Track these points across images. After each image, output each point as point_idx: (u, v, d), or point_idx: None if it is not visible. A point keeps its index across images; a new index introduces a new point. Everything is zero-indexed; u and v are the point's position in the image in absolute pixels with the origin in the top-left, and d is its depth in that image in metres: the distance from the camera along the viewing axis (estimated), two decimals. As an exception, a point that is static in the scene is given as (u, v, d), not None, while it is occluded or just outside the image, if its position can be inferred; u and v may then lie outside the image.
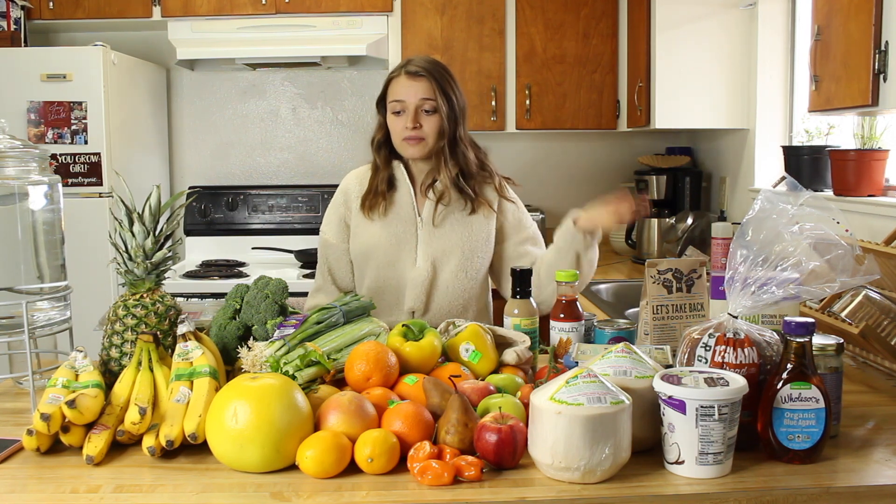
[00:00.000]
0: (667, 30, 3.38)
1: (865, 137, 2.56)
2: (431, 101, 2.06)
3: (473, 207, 2.14)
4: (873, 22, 2.09)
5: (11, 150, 1.60)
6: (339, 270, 2.22)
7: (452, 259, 2.12)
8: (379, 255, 2.13)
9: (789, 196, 1.41)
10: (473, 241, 2.14)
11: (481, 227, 2.15)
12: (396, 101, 2.08)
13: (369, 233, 2.14)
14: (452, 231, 2.13)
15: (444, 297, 2.13)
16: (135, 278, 1.53)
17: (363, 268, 2.17)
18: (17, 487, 1.22)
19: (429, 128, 2.07)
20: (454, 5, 3.75)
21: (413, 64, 2.10)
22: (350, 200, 2.20)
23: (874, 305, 1.71)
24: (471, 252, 2.14)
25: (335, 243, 2.21)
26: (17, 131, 3.17)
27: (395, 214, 2.14)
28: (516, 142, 4.16)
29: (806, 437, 1.27)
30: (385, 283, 2.13)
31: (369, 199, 2.15)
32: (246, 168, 4.23)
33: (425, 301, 2.12)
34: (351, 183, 2.22)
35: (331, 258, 2.22)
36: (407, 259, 2.13)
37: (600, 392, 1.20)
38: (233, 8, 3.71)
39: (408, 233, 2.13)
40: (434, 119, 2.07)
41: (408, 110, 2.07)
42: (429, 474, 1.19)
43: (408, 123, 2.06)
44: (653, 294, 1.64)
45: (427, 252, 2.12)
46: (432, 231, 2.13)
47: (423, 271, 2.11)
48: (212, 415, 1.28)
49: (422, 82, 2.07)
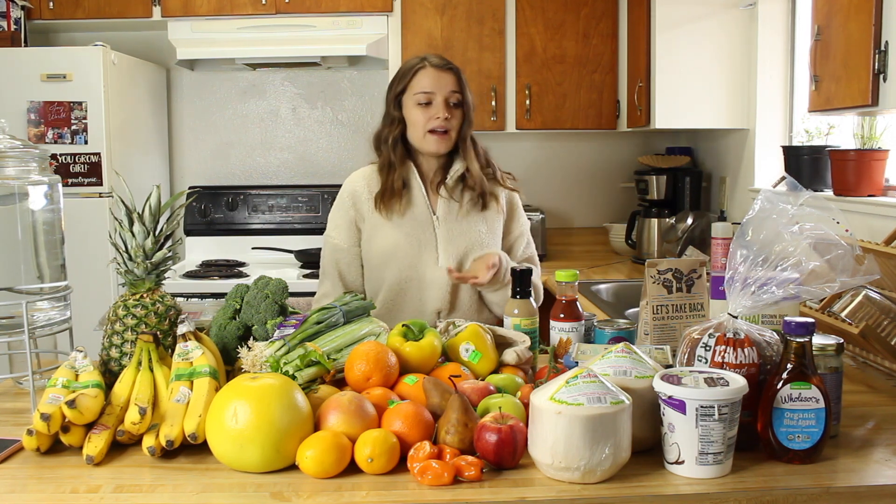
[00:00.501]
0: (667, 30, 3.38)
1: (865, 137, 2.56)
2: (458, 94, 2.07)
3: (485, 203, 2.14)
4: (873, 22, 2.09)
5: (11, 150, 1.60)
6: (351, 274, 2.17)
7: (475, 256, 2.11)
8: (400, 256, 2.09)
9: (789, 196, 1.41)
10: (490, 236, 2.14)
11: (494, 222, 2.16)
12: (425, 93, 2.05)
13: (386, 234, 2.10)
14: (471, 228, 2.13)
15: (468, 295, 2.12)
16: (135, 278, 1.53)
17: (381, 270, 2.12)
18: (17, 487, 1.22)
19: (455, 121, 2.08)
20: (454, 5, 3.75)
21: (436, 58, 2.10)
22: (360, 202, 2.14)
23: (874, 305, 1.71)
24: (490, 247, 2.13)
25: (346, 247, 2.16)
26: (17, 131, 3.17)
27: (410, 214, 2.11)
28: (516, 142, 4.16)
29: (806, 437, 1.27)
30: (407, 284, 2.10)
31: (385, 197, 2.10)
32: (246, 168, 4.23)
33: (450, 301, 2.10)
34: (358, 184, 2.17)
35: (342, 263, 2.16)
36: (428, 259, 2.10)
37: (600, 392, 1.20)
38: (233, 8, 3.71)
39: (426, 232, 2.11)
40: (459, 113, 2.08)
41: (437, 102, 2.05)
42: (429, 474, 1.19)
43: (440, 114, 2.04)
44: (653, 294, 1.64)
45: (448, 251, 2.10)
46: (451, 229, 2.12)
47: (446, 271, 2.08)
48: (212, 415, 1.28)
49: (450, 75, 2.08)
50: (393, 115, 2.12)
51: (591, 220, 4.25)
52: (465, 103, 2.09)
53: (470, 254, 2.11)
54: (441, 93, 2.05)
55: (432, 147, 2.08)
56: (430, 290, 2.10)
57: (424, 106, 2.06)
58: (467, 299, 2.12)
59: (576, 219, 4.27)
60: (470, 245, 2.11)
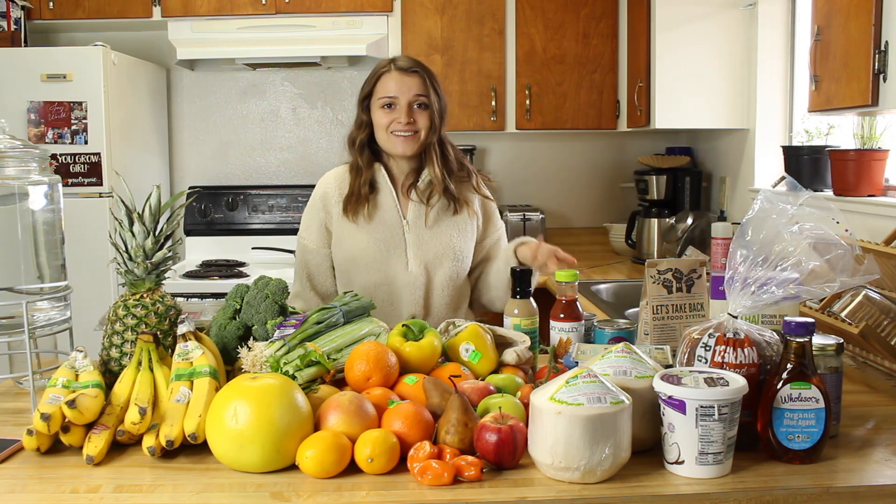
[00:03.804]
0: (667, 30, 3.38)
1: (865, 137, 2.56)
2: (424, 97, 2.05)
3: (457, 208, 2.12)
4: (873, 22, 2.09)
5: (11, 150, 1.60)
6: (319, 276, 2.16)
7: (445, 261, 2.09)
8: (367, 260, 2.08)
9: (789, 196, 1.41)
10: (462, 241, 2.12)
11: (466, 227, 2.14)
12: (388, 97, 2.04)
13: (354, 238, 2.09)
14: (441, 233, 2.11)
15: (440, 300, 2.11)
16: (135, 278, 1.53)
17: (350, 273, 2.11)
18: (17, 487, 1.22)
19: (421, 123, 2.05)
20: (454, 5, 3.75)
21: (403, 61, 2.08)
22: (329, 205, 2.13)
23: (874, 305, 1.71)
24: (461, 252, 2.12)
25: (315, 248, 2.15)
26: (18, 131, 3.17)
27: (379, 218, 2.09)
28: (516, 142, 4.15)
29: (806, 437, 1.27)
30: (376, 287, 2.08)
31: (352, 202, 2.09)
32: (246, 168, 4.23)
33: (423, 305, 2.09)
34: (329, 186, 2.16)
35: (311, 264, 2.16)
36: (397, 264, 2.08)
37: (600, 392, 1.20)
38: (233, 8, 3.71)
39: (395, 237, 2.09)
40: (426, 115, 2.06)
41: (400, 106, 2.04)
42: (429, 474, 1.19)
43: (402, 118, 2.03)
44: (653, 294, 1.64)
45: (419, 256, 2.09)
46: (421, 234, 2.10)
47: (417, 276, 2.07)
48: (212, 415, 1.28)
49: (414, 78, 2.05)
50: (361, 118, 2.12)
51: (591, 220, 4.25)
52: (431, 106, 2.06)
53: (441, 259, 2.09)
54: (404, 96, 2.04)
55: (398, 148, 2.06)
56: (402, 294, 2.08)
57: (388, 109, 2.05)
58: (440, 303, 2.10)
59: (576, 219, 4.27)
60: (441, 250, 2.09)
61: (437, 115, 2.07)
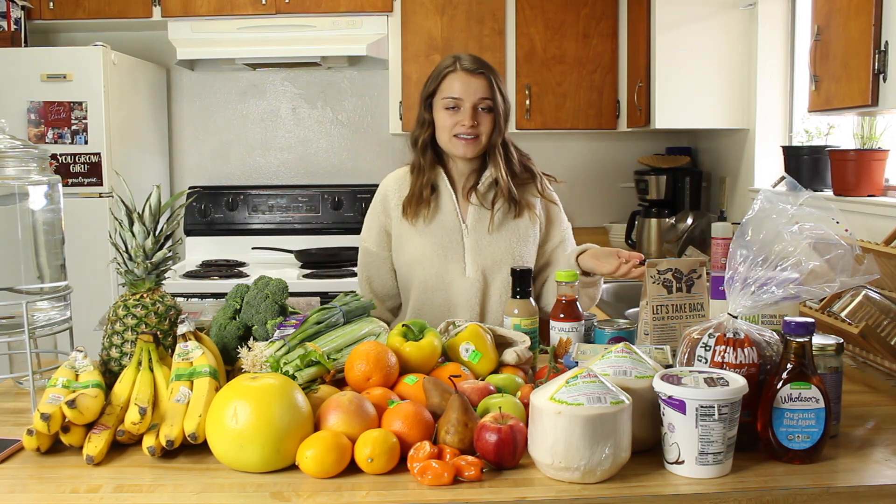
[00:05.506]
0: (667, 30, 3.38)
1: (865, 137, 2.56)
2: (489, 99, 2.01)
3: (518, 211, 2.07)
4: (873, 22, 2.09)
5: (11, 150, 1.60)
6: (379, 279, 2.14)
7: (504, 267, 2.03)
8: (425, 264, 2.04)
9: (789, 196, 1.41)
10: (522, 246, 2.07)
11: (528, 232, 2.09)
12: (452, 98, 2.00)
13: (413, 241, 2.06)
14: (501, 238, 2.05)
15: (497, 307, 2.04)
16: (135, 278, 1.53)
17: (408, 277, 2.08)
18: (17, 487, 1.22)
19: (485, 126, 2.01)
20: (454, 5, 3.75)
21: (468, 61, 2.03)
22: (390, 208, 2.10)
23: (874, 305, 1.71)
24: (521, 258, 2.06)
25: (376, 252, 2.12)
26: (18, 131, 3.17)
27: (438, 221, 2.05)
28: (516, 142, 4.14)
29: (806, 437, 1.27)
30: (433, 293, 2.04)
31: (412, 204, 2.05)
32: (246, 168, 4.23)
33: (479, 311, 2.04)
34: (389, 188, 2.12)
35: (370, 267, 2.14)
36: (455, 269, 2.04)
37: (600, 392, 1.20)
38: (233, 8, 3.71)
39: (454, 241, 2.05)
40: (490, 118, 2.01)
41: (465, 108, 1.99)
42: (429, 474, 1.19)
43: (466, 121, 1.98)
44: (653, 294, 1.64)
45: (477, 261, 2.04)
46: (480, 238, 2.05)
47: (474, 281, 2.03)
48: (212, 415, 1.28)
49: (480, 80, 2.01)
50: (423, 117, 2.07)
51: (591, 220, 4.25)
52: (496, 109, 2.02)
53: (499, 265, 2.04)
54: (469, 99, 1.99)
55: (459, 150, 2.02)
56: (458, 299, 2.04)
57: (452, 110, 2.00)
58: (497, 310, 2.04)
59: (576, 219, 4.21)
60: (499, 256, 2.04)
61: (501, 117, 2.03)
